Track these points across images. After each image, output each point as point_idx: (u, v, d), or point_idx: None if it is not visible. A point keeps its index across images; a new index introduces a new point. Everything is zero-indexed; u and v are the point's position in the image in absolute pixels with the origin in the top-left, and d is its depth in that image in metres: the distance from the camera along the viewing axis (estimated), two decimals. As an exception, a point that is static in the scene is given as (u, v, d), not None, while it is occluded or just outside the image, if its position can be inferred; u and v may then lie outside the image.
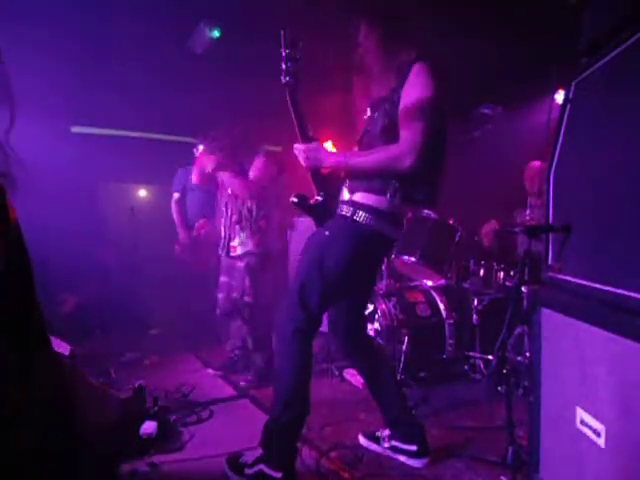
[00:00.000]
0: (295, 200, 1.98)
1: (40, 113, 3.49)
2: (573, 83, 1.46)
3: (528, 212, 3.14)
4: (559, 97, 2.90)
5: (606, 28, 1.30)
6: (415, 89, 1.76)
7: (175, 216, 3.96)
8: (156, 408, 2.28)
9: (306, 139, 1.90)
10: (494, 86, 4.20)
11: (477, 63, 3.74)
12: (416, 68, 1.78)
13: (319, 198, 1.97)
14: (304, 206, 2.00)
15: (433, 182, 1.92)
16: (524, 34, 3.36)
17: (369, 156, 1.83)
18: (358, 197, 1.88)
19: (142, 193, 6.00)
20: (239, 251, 3.11)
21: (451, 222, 3.24)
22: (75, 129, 5.02)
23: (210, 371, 3.31)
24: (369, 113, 1.95)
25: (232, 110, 4.23)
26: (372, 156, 1.82)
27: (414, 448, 1.98)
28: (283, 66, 1.81)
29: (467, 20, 3.28)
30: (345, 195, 1.97)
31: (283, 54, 1.80)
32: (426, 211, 3.29)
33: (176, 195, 3.96)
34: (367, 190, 1.86)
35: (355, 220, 1.84)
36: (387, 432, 2.08)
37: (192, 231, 3.89)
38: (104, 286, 4.43)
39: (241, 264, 3.10)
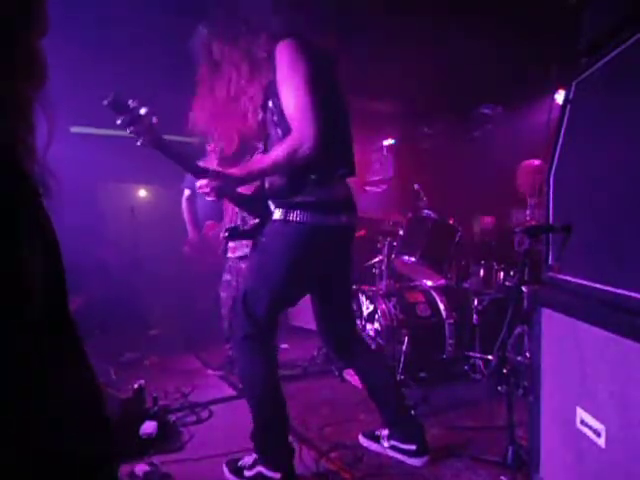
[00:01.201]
0: (226, 234, 1.93)
1: (39, 113, 3.49)
2: (573, 83, 1.46)
3: (528, 212, 3.13)
4: (559, 97, 2.90)
5: (606, 28, 1.30)
6: (284, 72, 1.67)
7: (185, 214, 3.73)
8: (156, 408, 2.28)
9: (201, 174, 1.80)
10: (494, 86, 4.20)
11: (477, 63, 3.74)
12: (277, 52, 1.69)
13: (255, 221, 1.92)
14: (240, 235, 1.94)
15: (345, 151, 1.86)
16: (524, 34, 3.36)
17: (269, 157, 1.72)
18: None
19: (142, 193, 6.01)
20: (238, 252, 3.10)
21: (451, 222, 3.24)
22: (75, 129, 5.02)
23: (210, 371, 3.31)
24: (261, 116, 1.84)
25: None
26: (272, 156, 1.71)
27: (413, 447, 1.98)
28: (128, 131, 1.67)
29: (467, 20, 3.28)
30: (272, 206, 1.88)
31: (119, 123, 1.65)
32: (426, 211, 3.29)
33: (187, 192, 3.70)
34: (290, 193, 1.78)
35: (288, 220, 1.76)
36: (386, 431, 2.08)
37: (201, 231, 3.84)
38: (104, 286, 4.43)
39: (244, 266, 3.10)
